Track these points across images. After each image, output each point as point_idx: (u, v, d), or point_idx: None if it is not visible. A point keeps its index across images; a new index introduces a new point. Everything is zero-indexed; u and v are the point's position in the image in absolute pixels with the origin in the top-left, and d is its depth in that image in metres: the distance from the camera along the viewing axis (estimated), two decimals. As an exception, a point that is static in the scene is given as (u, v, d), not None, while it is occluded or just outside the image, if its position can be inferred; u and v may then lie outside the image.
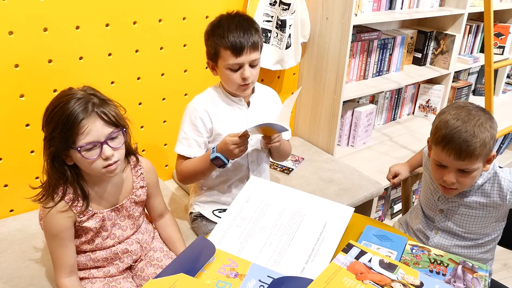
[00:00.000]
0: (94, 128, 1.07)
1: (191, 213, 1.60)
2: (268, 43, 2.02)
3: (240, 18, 1.38)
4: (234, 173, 1.51)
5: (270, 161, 2.01)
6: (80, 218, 1.16)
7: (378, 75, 2.47)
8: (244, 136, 1.32)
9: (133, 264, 1.30)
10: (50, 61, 1.55)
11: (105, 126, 1.09)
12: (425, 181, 1.43)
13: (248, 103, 1.49)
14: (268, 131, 1.37)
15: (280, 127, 1.28)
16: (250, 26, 1.37)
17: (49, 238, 1.17)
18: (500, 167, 1.31)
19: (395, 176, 1.58)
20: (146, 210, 1.38)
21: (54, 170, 1.11)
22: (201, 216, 1.56)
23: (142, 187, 1.28)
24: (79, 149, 1.06)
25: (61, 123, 1.05)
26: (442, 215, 1.36)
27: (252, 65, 1.38)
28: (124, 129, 1.14)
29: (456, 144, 1.19)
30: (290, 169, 2.05)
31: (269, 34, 2.01)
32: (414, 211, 1.50)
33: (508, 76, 3.31)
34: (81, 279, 1.23)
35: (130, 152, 1.23)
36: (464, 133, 1.19)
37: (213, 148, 1.37)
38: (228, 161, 1.37)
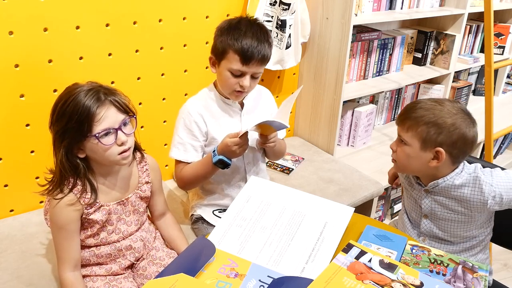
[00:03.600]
0: (109, 115, 1.10)
1: (192, 215, 1.60)
2: (268, 43, 2.02)
3: (258, 28, 1.36)
4: (232, 176, 1.51)
5: (269, 161, 2.01)
6: (88, 210, 1.17)
7: (378, 75, 2.47)
8: (245, 135, 1.33)
9: (135, 262, 1.31)
10: (50, 61, 1.55)
11: (118, 113, 1.12)
12: (404, 186, 1.42)
13: (242, 105, 1.48)
14: (266, 130, 1.36)
15: (278, 124, 1.28)
16: (265, 39, 1.35)
17: (56, 230, 1.17)
18: (493, 164, 1.29)
19: (395, 178, 1.58)
20: (148, 210, 1.38)
21: (68, 164, 1.12)
22: (202, 219, 1.56)
23: (147, 182, 1.29)
24: (97, 135, 1.08)
25: (76, 113, 1.07)
26: (427, 220, 1.34)
27: (254, 76, 1.37)
28: (135, 116, 1.17)
29: (404, 108, 1.28)
30: (290, 169, 2.05)
31: (269, 34, 2.01)
32: (400, 219, 1.49)
33: (508, 76, 3.31)
34: (83, 276, 1.23)
35: (136, 147, 1.25)
36: (419, 103, 1.24)
37: (214, 151, 1.37)
38: (231, 160, 1.37)
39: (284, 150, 1.60)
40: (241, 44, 1.31)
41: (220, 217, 1.29)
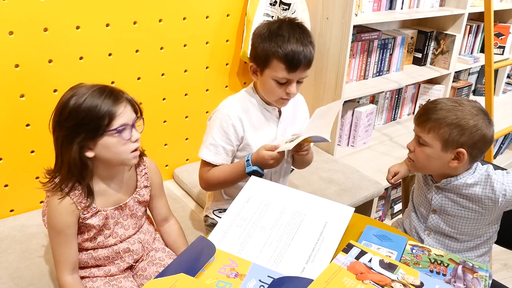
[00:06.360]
0: (127, 111, 1.12)
1: (206, 216, 1.58)
2: (268, 43, 2.01)
3: (300, 30, 1.30)
4: None
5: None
6: (84, 214, 1.16)
7: (378, 75, 2.47)
8: (283, 151, 1.31)
9: (134, 264, 1.30)
10: (50, 61, 1.55)
11: (132, 111, 1.14)
12: (418, 181, 1.42)
13: (280, 113, 1.45)
14: (304, 140, 1.32)
15: (318, 138, 1.26)
16: (308, 41, 1.29)
17: (53, 234, 1.17)
18: (500, 167, 1.30)
19: (395, 175, 1.58)
20: (150, 213, 1.37)
21: (80, 161, 1.10)
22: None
23: (146, 186, 1.28)
24: (117, 129, 1.09)
25: (94, 109, 1.07)
26: (435, 215, 1.35)
27: (299, 81, 1.33)
28: (142, 117, 1.18)
29: (423, 108, 1.25)
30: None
31: (269, 34, 2.01)
32: (407, 214, 1.49)
33: (508, 76, 3.31)
34: (82, 277, 1.23)
35: None
36: (439, 104, 1.22)
37: (248, 160, 1.33)
38: (263, 170, 1.35)
39: (311, 159, 1.56)
40: (286, 51, 1.25)
41: (220, 217, 1.29)
